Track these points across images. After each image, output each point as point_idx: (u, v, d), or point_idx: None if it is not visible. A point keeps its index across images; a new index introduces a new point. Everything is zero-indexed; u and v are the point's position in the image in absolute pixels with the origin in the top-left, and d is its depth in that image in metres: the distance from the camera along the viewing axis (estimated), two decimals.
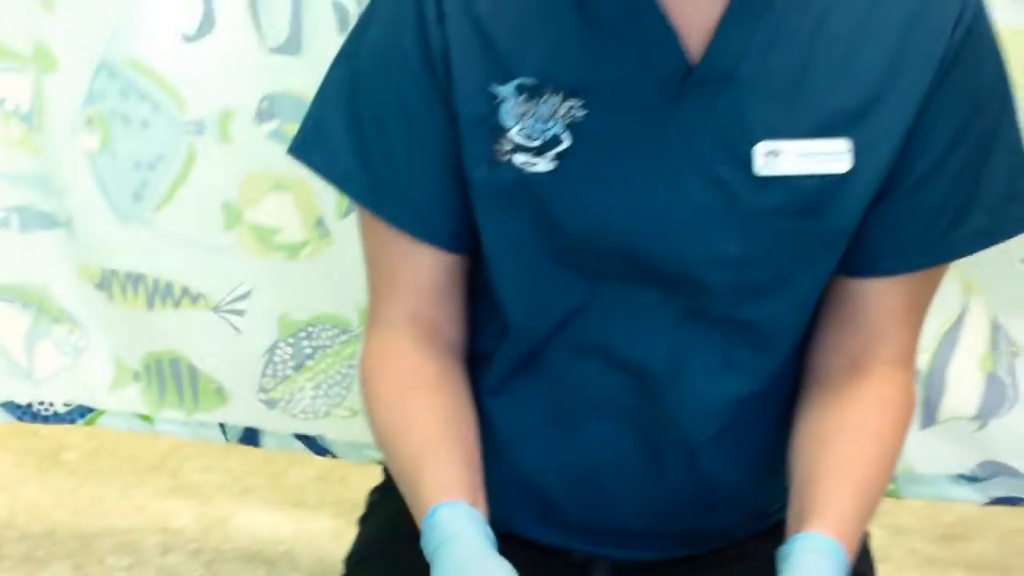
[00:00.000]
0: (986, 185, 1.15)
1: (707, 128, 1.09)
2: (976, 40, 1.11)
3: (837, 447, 1.14)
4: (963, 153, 1.12)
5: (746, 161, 1.09)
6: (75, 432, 2.15)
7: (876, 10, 1.09)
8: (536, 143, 1.10)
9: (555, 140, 1.10)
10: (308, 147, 1.22)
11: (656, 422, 1.18)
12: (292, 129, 1.68)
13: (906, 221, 1.14)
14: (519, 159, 1.10)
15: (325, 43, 1.74)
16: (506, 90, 1.11)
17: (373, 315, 1.24)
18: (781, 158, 1.08)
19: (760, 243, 1.11)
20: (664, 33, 1.09)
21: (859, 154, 1.09)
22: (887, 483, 1.16)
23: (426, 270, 1.20)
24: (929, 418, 1.84)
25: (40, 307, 1.99)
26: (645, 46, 1.09)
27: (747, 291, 1.13)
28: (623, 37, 1.10)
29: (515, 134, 1.11)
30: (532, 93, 1.10)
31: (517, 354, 1.19)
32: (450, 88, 1.12)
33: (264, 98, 1.80)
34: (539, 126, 1.10)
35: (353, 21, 1.60)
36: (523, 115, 1.10)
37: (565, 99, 1.10)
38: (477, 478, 1.12)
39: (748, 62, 1.08)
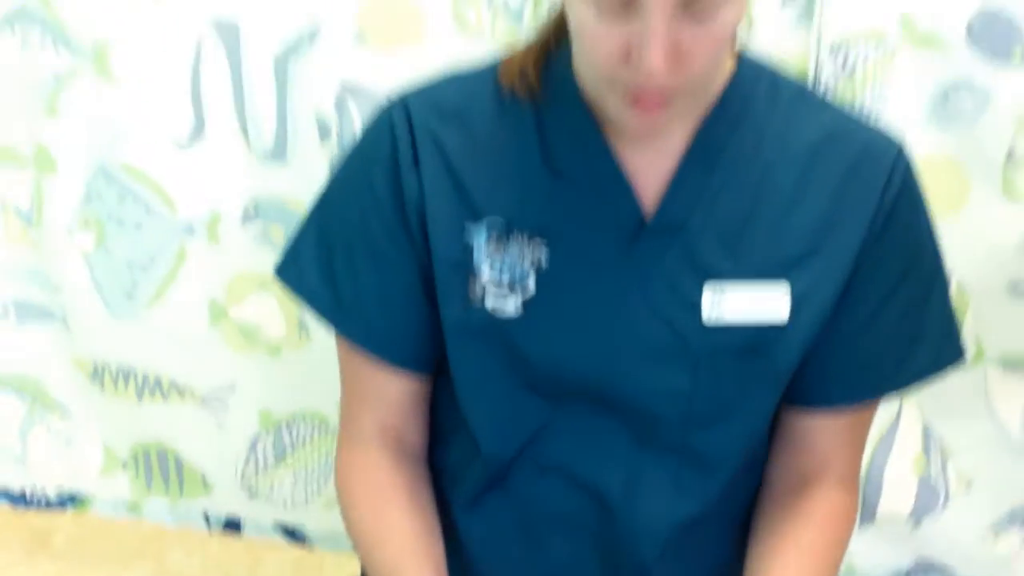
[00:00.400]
0: (926, 326, 1.24)
1: (660, 274, 1.17)
2: (907, 200, 1.19)
3: (783, 561, 1.21)
4: (902, 300, 1.21)
5: (695, 305, 1.16)
6: (62, 517, 2.21)
7: (813, 169, 1.18)
8: (506, 282, 1.18)
9: (523, 282, 1.18)
10: (286, 268, 1.31)
11: (613, 539, 1.24)
12: (277, 232, 1.81)
13: (852, 361, 1.22)
14: (490, 302, 1.18)
15: (308, 152, 1.85)
16: (478, 230, 1.18)
17: (346, 426, 1.31)
18: (726, 301, 1.16)
19: (707, 379, 1.18)
20: (621, 186, 1.17)
21: (797, 301, 1.16)
22: None
23: (392, 389, 1.27)
24: (868, 517, 1.91)
25: (34, 397, 2.08)
26: (604, 197, 1.17)
27: (695, 421, 1.20)
28: (584, 188, 1.18)
29: (486, 276, 1.18)
30: (501, 233, 1.18)
31: (487, 473, 1.25)
32: (424, 231, 1.20)
33: (250, 202, 1.90)
34: (508, 266, 1.18)
35: (334, 133, 1.74)
36: (493, 255, 1.18)
37: (531, 240, 1.19)
38: None
39: (698, 214, 1.16)
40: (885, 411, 1.86)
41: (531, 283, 1.17)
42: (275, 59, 1.82)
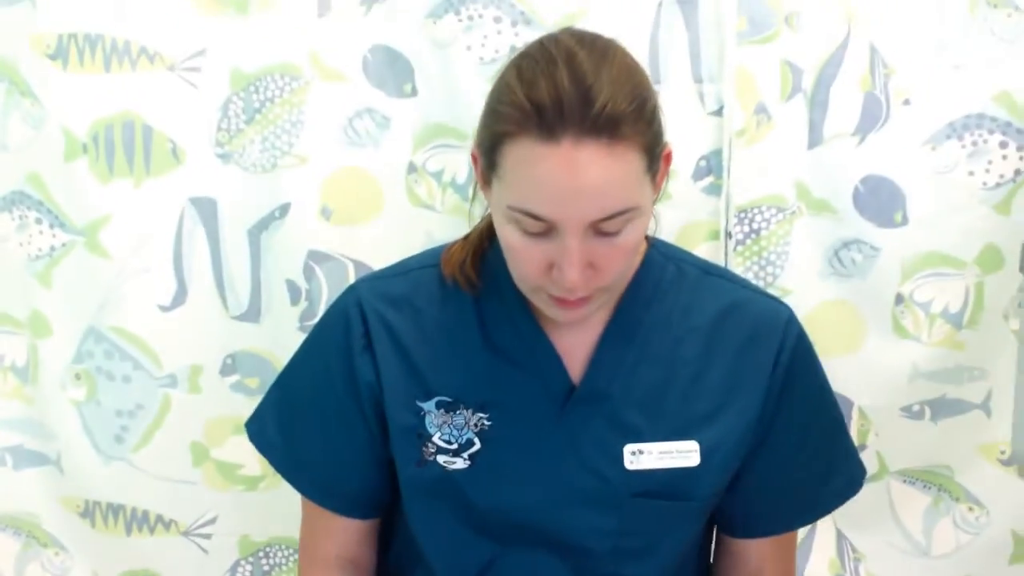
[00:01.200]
0: (835, 460, 1.44)
1: (587, 432, 1.36)
2: (800, 358, 1.40)
3: None
4: (811, 444, 1.41)
5: (618, 458, 1.35)
6: None
7: (715, 342, 1.37)
8: (454, 446, 1.37)
9: (469, 443, 1.36)
10: (252, 424, 1.51)
11: None
12: (252, 382, 1.98)
13: (773, 499, 1.42)
14: (441, 459, 1.36)
15: (279, 313, 2.01)
16: (428, 406, 1.37)
17: (306, 552, 1.50)
18: (645, 456, 1.35)
19: (631, 519, 1.37)
20: (553, 361, 1.36)
21: (705, 453, 1.36)
22: None
23: (342, 529, 1.46)
24: None
25: (30, 533, 2.19)
26: (538, 371, 1.37)
27: (623, 555, 1.38)
28: (520, 364, 1.37)
29: (437, 439, 1.37)
30: (449, 408, 1.37)
31: None
32: (376, 405, 1.39)
33: (228, 356, 2.05)
34: (455, 433, 1.37)
35: (303, 296, 1.91)
36: (442, 424, 1.37)
37: (475, 412, 1.38)
38: None
39: (618, 382, 1.36)
40: None
41: (477, 443, 1.35)
42: (248, 231, 1.98)
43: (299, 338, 1.75)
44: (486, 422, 1.35)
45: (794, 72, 1.86)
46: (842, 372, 1.88)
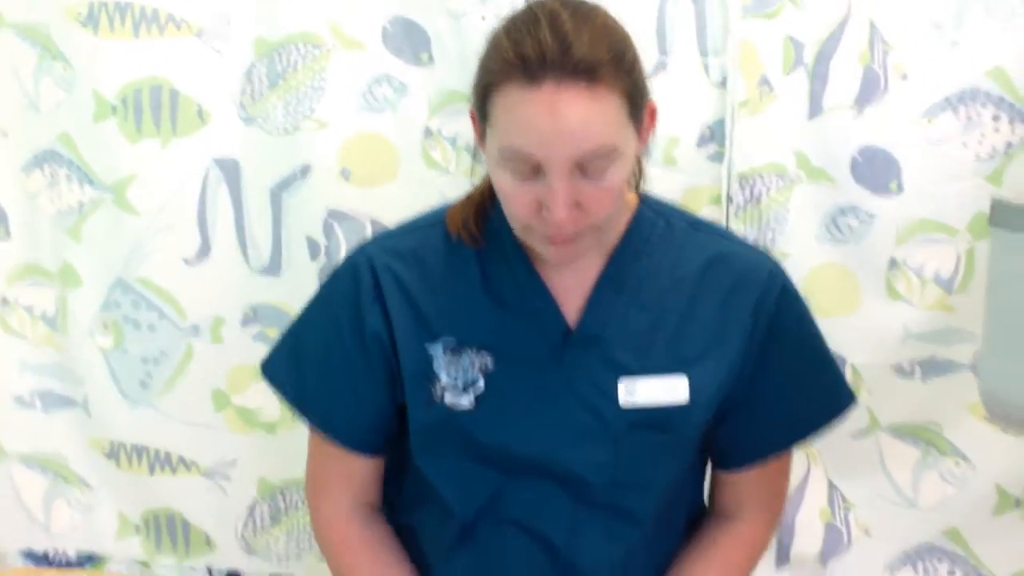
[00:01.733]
0: (809, 394, 1.53)
1: (583, 372, 1.45)
2: (784, 306, 1.48)
3: (691, 567, 1.53)
4: (788, 384, 1.49)
5: (612, 395, 1.44)
6: (76, 574, 2.36)
7: (701, 291, 1.46)
8: (460, 385, 1.47)
9: (474, 381, 1.46)
10: (268, 366, 1.59)
11: None
12: (272, 333, 2.06)
13: (753, 432, 1.52)
14: (448, 398, 1.45)
15: (299, 267, 2.10)
16: (435, 349, 1.46)
17: (321, 493, 1.58)
18: (637, 393, 1.44)
19: (625, 452, 1.46)
20: (550, 307, 1.45)
21: (694, 389, 1.45)
22: None
23: (353, 467, 1.55)
24: (783, 558, 2.16)
25: (57, 472, 2.28)
26: (536, 316, 1.46)
27: (619, 485, 1.47)
28: (520, 310, 1.46)
29: (444, 380, 1.47)
30: (454, 350, 1.46)
31: (456, 530, 1.50)
32: (385, 352, 1.47)
33: (249, 308, 2.13)
34: (461, 373, 1.45)
35: (321, 252, 2.00)
36: (449, 365, 1.46)
37: (479, 353, 1.50)
38: None
39: (611, 325, 1.45)
40: (796, 470, 2.09)
41: (481, 383, 1.44)
42: (271, 191, 2.06)
43: None
44: (490, 363, 1.44)
45: (796, 46, 1.92)
46: (837, 332, 1.94)
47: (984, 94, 1.88)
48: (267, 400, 2.12)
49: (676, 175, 1.95)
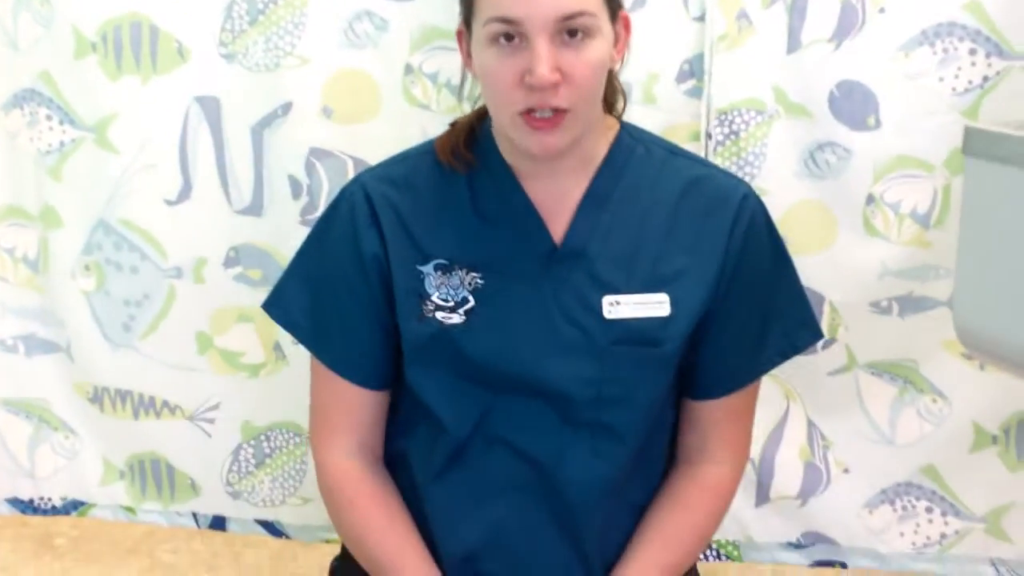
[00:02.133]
0: (773, 322, 1.55)
1: (568, 287, 1.49)
2: (755, 231, 1.51)
3: (658, 515, 1.55)
4: (755, 309, 1.52)
5: (597, 310, 1.48)
6: (62, 521, 2.39)
7: (679, 211, 1.49)
8: (451, 304, 1.50)
9: (464, 300, 1.49)
10: (272, 304, 1.63)
11: (549, 496, 1.52)
12: (254, 274, 2.08)
13: (717, 359, 1.54)
14: (439, 315, 1.49)
15: (281, 207, 2.11)
16: (427, 269, 1.50)
17: (325, 435, 1.60)
18: (621, 306, 1.47)
19: (610, 366, 1.49)
20: (536, 223, 1.49)
21: (675, 304, 1.48)
22: (697, 548, 1.56)
23: (361, 404, 1.57)
24: (763, 497, 2.20)
25: (41, 417, 2.31)
26: (523, 232, 1.49)
27: (603, 402, 1.50)
28: (507, 227, 1.50)
29: (435, 298, 1.49)
30: (445, 270, 1.50)
31: (448, 450, 1.53)
32: (381, 274, 1.51)
33: (231, 249, 2.15)
34: (452, 292, 1.50)
35: (303, 192, 2.01)
36: (440, 285, 1.50)
37: (469, 272, 1.52)
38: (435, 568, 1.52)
39: (594, 243, 1.48)
40: (775, 408, 2.15)
41: (471, 300, 1.48)
42: (251, 129, 2.07)
43: (301, 231, 1.88)
44: (479, 280, 1.48)
45: None
46: (814, 269, 2.00)
47: (961, 27, 1.90)
48: (250, 342, 2.18)
49: (656, 112, 1.98)
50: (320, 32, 2.01)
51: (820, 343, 2.04)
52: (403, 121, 2.03)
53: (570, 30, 1.33)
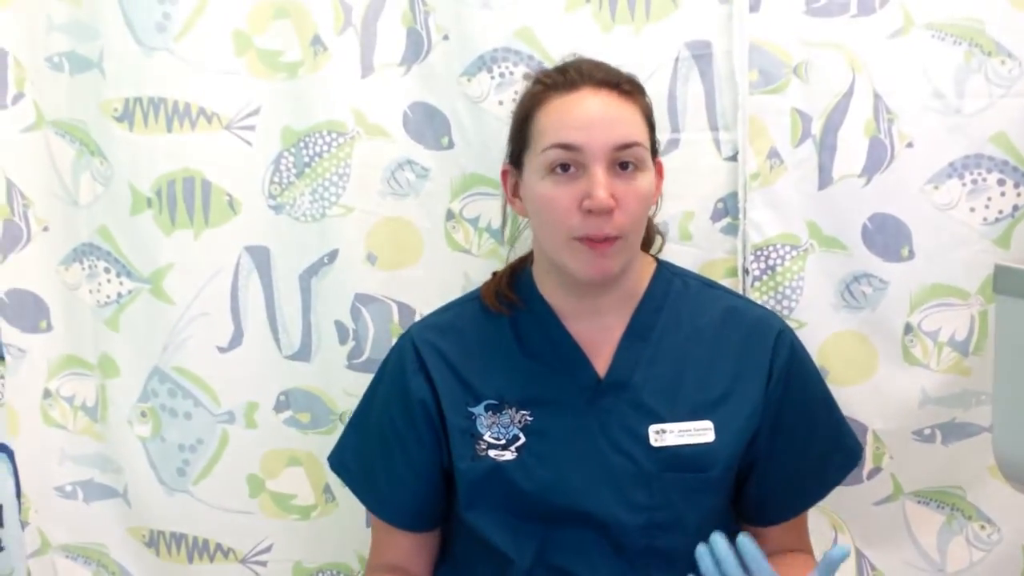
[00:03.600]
0: (825, 451, 1.61)
1: (615, 418, 1.55)
2: (795, 365, 1.58)
3: None
4: (811, 435, 1.58)
5: (644, 439, 1.55)
6: None
7: (718, 340, 1.57)
8: (502, 441, 1.57)
9: (515, 438, 1.56)
10: (334, 458, 1.70)
11: None
12: (304, 417, 2.12)
13: (782, 485, 1.60)
14: (492, 453, 1.56)
15: (329, 352, 2.15)
16: (478, 409, 1.58)
17: (371, 560, 1.69)
18: (667, 435, 1.54)
19: (659, 493, 1.55)
20: (580, 358, 1.56)
21: (719, 430, 1.55)
22: None
23: (405, 543, 1.64)
24: None
25: (99, 562, 2.33)
26: (568, 368, 1.57)
27: (655, 528, 1.55)
28: (553, 365, 1.57)
29: (488, 437, 1.57)
30: (495, 409, 1.57)
31: None
32: (431, 420, 1.58)
33: (281, 393, 2.19)
34: (503, 430, 1.57)
35: (350, 337, 2.06)
36: (491, 424, 1.57)
37: (518, 410, 1.58)
38: None
39: (638, 373, 1.55)
40: (823, 540, 2.12)
41: (521, 437, 1.54)
42: (299, 276, 2.13)
43: (348, 375, 2.00)
44: (528, 418, 1.55)
45: (803, 119, 1.99)
46: (856, 399, 2.01)
47: (988, 159, 1.94)
48: (301, 485, 2.21)
49: (693, 249, 2.01)
50: (364, 182, 2.08)
51: (865, 473, 2.05)
52: (445, 265, 2.08)
53: (622, 162, 1.44)
